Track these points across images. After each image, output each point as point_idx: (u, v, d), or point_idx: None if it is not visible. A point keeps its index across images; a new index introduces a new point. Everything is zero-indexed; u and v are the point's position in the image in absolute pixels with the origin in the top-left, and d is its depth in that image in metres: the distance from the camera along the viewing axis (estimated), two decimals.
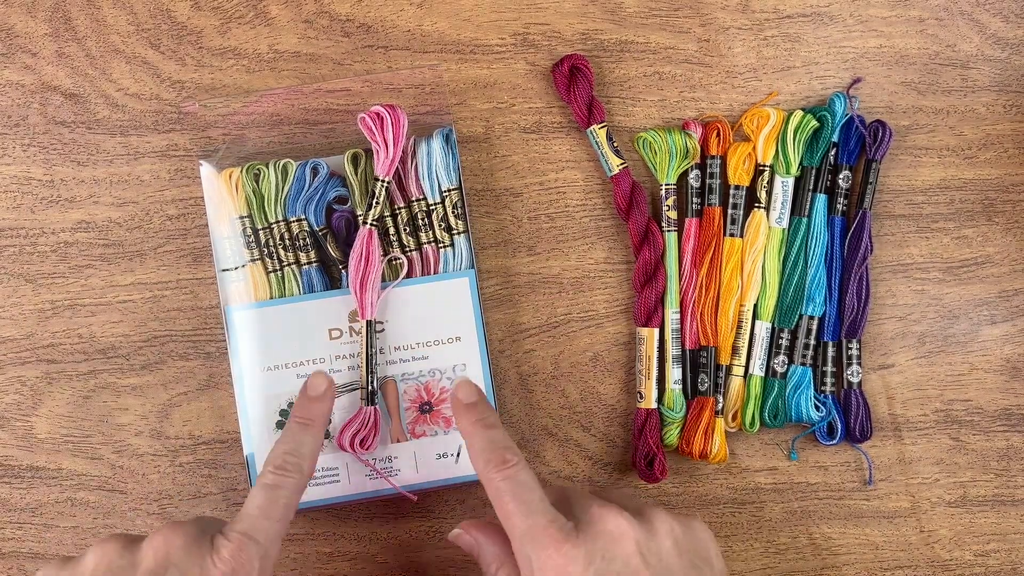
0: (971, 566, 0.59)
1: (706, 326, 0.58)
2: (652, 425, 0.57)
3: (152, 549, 0.44)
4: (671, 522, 0.46)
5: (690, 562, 0.45)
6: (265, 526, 0.46)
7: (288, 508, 0.48)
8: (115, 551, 0.44)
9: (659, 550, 0.45)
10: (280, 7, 0.59)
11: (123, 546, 0.44)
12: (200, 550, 0.44)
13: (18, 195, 0.58)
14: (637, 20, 0.60)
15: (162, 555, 0.44)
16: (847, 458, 0.59)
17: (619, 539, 0.44)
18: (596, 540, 0.44)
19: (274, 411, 0.56)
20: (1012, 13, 0.60)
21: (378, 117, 0.55)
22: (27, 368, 0.58)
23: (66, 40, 0.59)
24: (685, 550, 0.45)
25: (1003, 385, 0.59)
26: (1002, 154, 0.60)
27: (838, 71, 0.60)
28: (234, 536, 0.45)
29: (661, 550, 0.45)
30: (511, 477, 0.46)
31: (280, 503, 0.47)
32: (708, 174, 0.58)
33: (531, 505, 0.45)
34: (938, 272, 0.60)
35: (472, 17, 0.59)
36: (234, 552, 0.44)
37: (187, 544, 0.44)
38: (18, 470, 0.58)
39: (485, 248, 0.59)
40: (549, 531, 0.44)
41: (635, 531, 0.45)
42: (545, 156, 0.59)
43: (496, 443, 0.48)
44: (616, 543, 0.44)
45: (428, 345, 0.56)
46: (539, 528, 0.44)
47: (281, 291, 0.56)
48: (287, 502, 0.48)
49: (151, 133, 0.59)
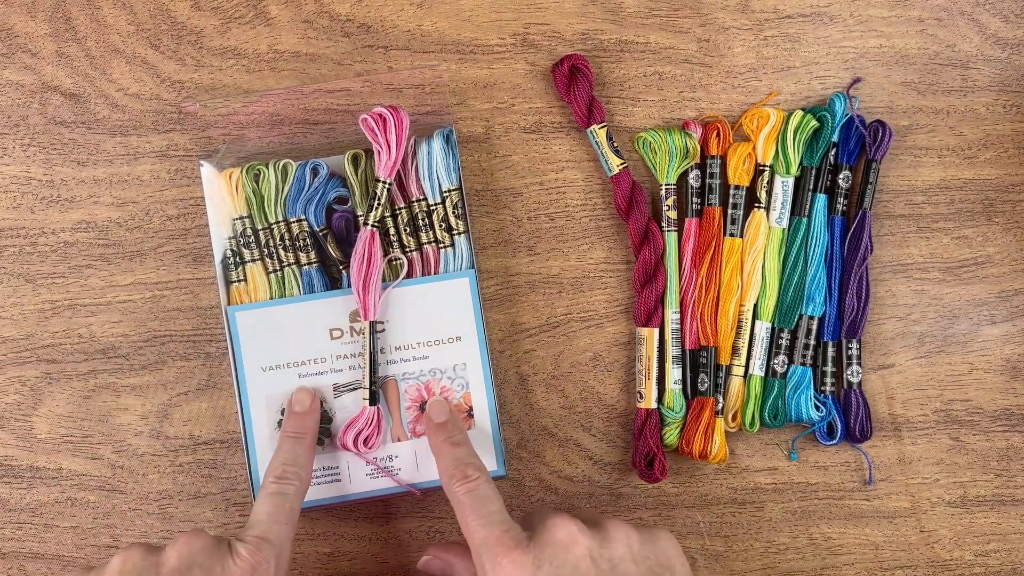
0: (971, 566, 0.59)
1: (706, 326, 0.58)
2: (652, 425, 0.57)
3: (175, 551, 0.46)
4: (628, 531, 0.47)
5: (648, 569, 0.45)
6: (276, 529, 0.49)
7: (293, 512, 0.50)
8: (138, 555, 0.46)
9: (612, 557, 0.45)
10: (280, 7, 0.59)
11: (146, 551, 0.46)
12: (220, 551, 0.47)
13: (18, 195, 0.58)
14: (637, 20, 0.60)
15: (185, 556, 0.46)
16: (847, 458, 0.59)
17: (569, 546, 0.45)
18: (546, 547, 0.45)
19: (274, 411, 0.56)
20: (1012, 13, 0.61)
21: (380, 118, 0.55)
22: (27, 368, 0.58)
23: (66, 40, 0.59)
24: (642, 557, 0.46)
25: (1003, 385, 0.59)
26: (1002, 154, 0.60)
27: (838, 71, 0.60)
28: (250, 538, 0.48)
29: (614, 556, 0.45)
30: (472, 491, 0.49)
31: (286, 507, 0.50)
32: (708, 174, 0.58)
33: (489, 517, 0.47)
34: (938, 272, 0.60)
35: (472, 17, 0.59)
36: (252, 551, 0.47)
37: (208, 546, 0.47)
38: (18, 470, 0.58)
39: (485, 248, 0.59)
40: (503, 540, 0.46)
41: (587, 538, 0.45)
42: (545, 156, 0.59)
43: (460, 459, 0.51)
44: (566, 550, 0.45)
45: (428, 345, 0.56)
46: (493, 537, 0.46)
47: (281, 291, 0.56)
48: (292, 506, 0.50)
49: (151, 133, 0.59)
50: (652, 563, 0.46)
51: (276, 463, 0.52)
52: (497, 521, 0.47)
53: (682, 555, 0.47)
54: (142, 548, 0.46)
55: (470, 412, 0.56)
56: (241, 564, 0.46)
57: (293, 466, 0.52)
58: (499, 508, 0.48)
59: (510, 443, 0.58)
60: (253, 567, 0.46)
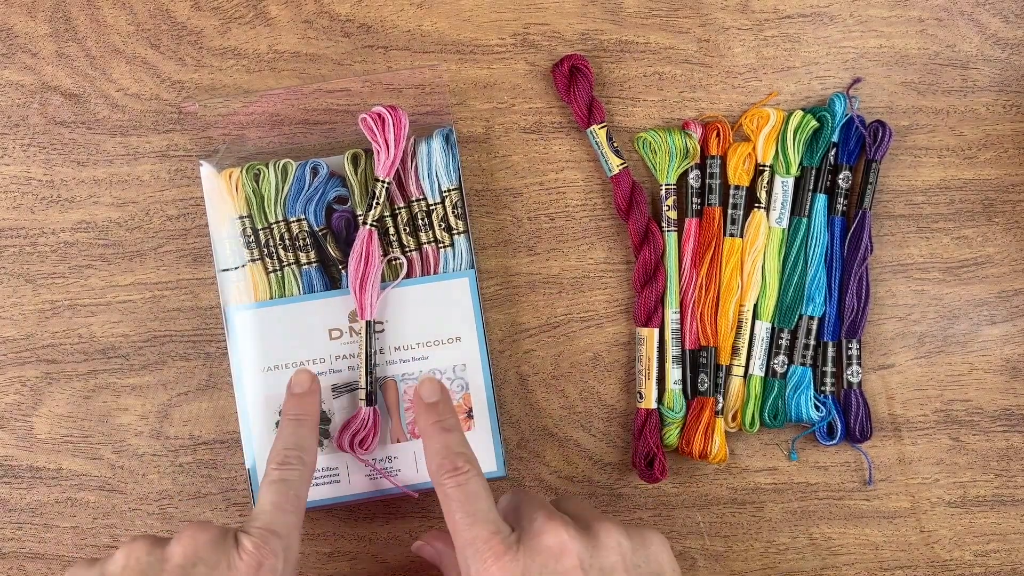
0: (971, 566, 0.59)
1: (706, 326, 0.58)
2: (652, 425, 0.57)
3: (180, 546, 0.45)
4: (619, 536, 0.45)
5: None
6: (282, 519, 0.47)
7: (299, 499, 0.49)
8: (143, 549, 0.45)
9: (603, 565, 0.44)
10: (280, 7, 0.59)
11: (151, 544, 0.45)
12: (225, 545, 0.45)
13: (18, 195, 0.58)
14: (637, 20, 0.60)
15: (191, 550, 0.45)
16: (847, 458, 0.59)
17: (560, 554, 0.44)
18: (536, 555, 0.44)
19: (274, 411, 0.56)
20: (1012, 13, 0.60)
21: (379, 118, 0.55)
22: (27, 368, 0.58)
23: (66, 40, 0.59)
24: (633, 566, 0.44)
25: (1003, 385, 0.59)
26: (1002, 154, 0.60)
27: (838, 71, 0.60)
28: (255, 531, 0.46)
29: (605, 565, 0.44)
30: (462, 485, 0.47)
31: (291, 495, 0.48)
32: (708, 174, 0.58)
33: (477, 515, 0.46)
34: (938, 272, 0.60)
35: (472, 17, 0.59)
36: (258, 545, 0.45)
37: (213, 540, 0.45)
38: (18, 470, 0.58)
39: (485, 248, 0.59)
40: (491, 543, 0.44)
41: (578, 546, 0.44)
42: (545, 156, 0.59)
43: (451, 448, 0.48)
44: (556, 559, 0.43)
45: (428, 345, 0.56)
46: (481, 539, 0.44)
47: (281, 291, 0.56)
48: (297, 493, 0.49)
49: (151, 133, 0.59)
50: (644, 571, 0.45)
51: (278, 448, 0.50)
52: (485, 521, 0.45)
53: (673, 560, 0.46)
54: (147, 542, 0.45)
55: (470, 413, 0.56)
56: (247, 559, 0.45)
57: (296, 450, 0.50)
58: (488, 506, 0.46)
59: (510, 443, 0.58)
60: (259, 562, 0.45)
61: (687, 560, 0.58)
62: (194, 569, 0.44)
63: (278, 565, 0.45)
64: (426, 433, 0.51)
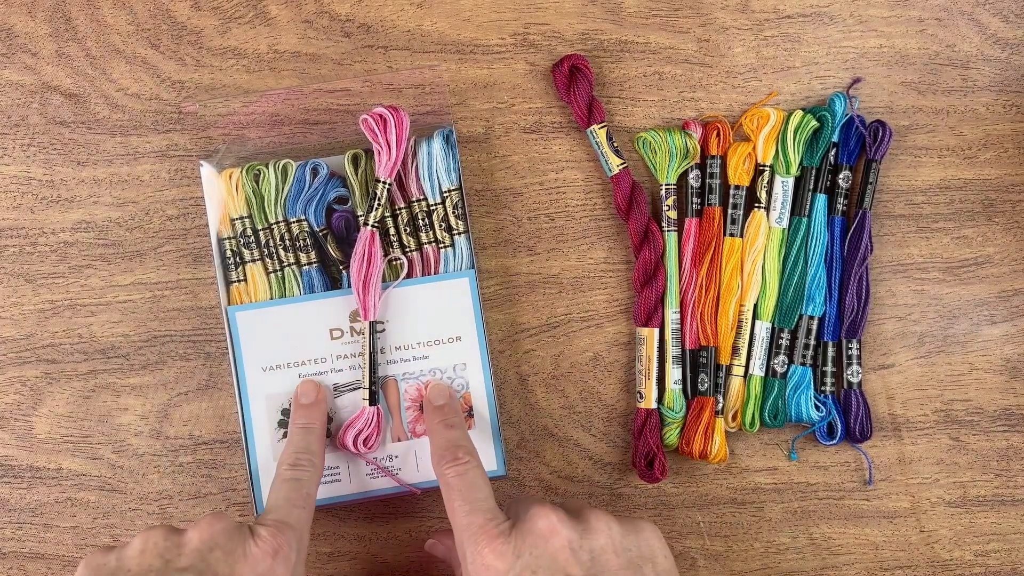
0: (971, 566, 0.59)
1: (706, 326, 0.58)
2: (652, 425, 0.57)
3: (197, 532, 0.46)
4: (609, 522, 0.46)
5: (628, 560, 0.45)
6: (295, 513, 0.49)
7: (310, 497, 0.51)
8: (160, 536, 0.46)
9: (592, 548, 0.45)
10: (280, 7, 0.59)
11: (168, 532, 0.46)
12: (241, 534, 0.46)
13: (18, 195, 0.58)
14: (637, 20, 0.60)
15: (207, 536, 0.46)
16: (847, 458, 0.59)
17: (549, 536, 0.45)
18: (526, 537, 0.45)
19: (274, 411, 0.56)
20: (1012, 13, 0.61)
21: (381, 119, 0.55)
22: (27, 368, 0.58)
23: (66, 40, 0.59)
24: (623, 549, 0.45)
25: (1003, 385, 0.59)
26: (1002, 154, 0.60)
27: (838, 71, 0.60)
28: (270, 521, 0.48)
29: (594, 547, 0.45)
30: (461, 474, 0.49)
31: (302, 492, 0.50)
32: (708, 174, 0.58)
33: (475, 503, 0.47)
34: (938, 272, 0.60)
35: (472, 17, 0.59)
36: (274, 533, 0.47)
37: (229, 529, 0.46)
38: (18, 470, 0.58)
39: (485, 248, 0.59)
40: (486, 528, 0.46)
41: (567, 529, 0.45)
42: (545, 156, 0.59)
43: (453, 441, 0.51)
44: (546, 540, 0.45)
45: (428, 345, 0.56)
46: (476, 525, 0.46)
47: (281, 291, 0.56)
48: (308, 491, 0.51)
49: (151, 133, 0.59)
50: (633, 555, 0.45)
51: (289, 452, 0.52)
52: (483, 508, 0.47)
53: (665, 547, 0.47)
54: (164, 529, 0.46)
55: (470, 412, 0.56)
56: (263, 546, 0.46)
57: (306, 453, 0.52)
58: (486, 495, 0.48)
59: (510, 443, 0.58)
60: (275, 549, 0.46)
61: (687, 560, 0.58)
62: (211, 554, 0.45)
63: (291, 555, 0.47)
64: (432, 431, 0.53)
